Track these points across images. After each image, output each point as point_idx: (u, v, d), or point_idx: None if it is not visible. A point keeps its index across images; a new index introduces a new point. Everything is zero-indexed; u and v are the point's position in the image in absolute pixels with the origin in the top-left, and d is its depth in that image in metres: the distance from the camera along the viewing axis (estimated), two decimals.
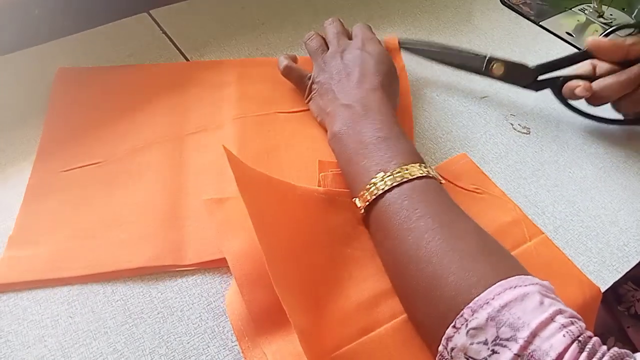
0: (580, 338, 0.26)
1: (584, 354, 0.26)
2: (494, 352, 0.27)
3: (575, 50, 0.63)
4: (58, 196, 0.42)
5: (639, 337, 0.50)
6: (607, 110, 0.51)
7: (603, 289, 0.40)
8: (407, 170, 0.37)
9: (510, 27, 0.66)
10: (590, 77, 0.49)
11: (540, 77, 0.52)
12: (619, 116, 0.52)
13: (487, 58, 0.52)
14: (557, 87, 0.51)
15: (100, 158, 0.45)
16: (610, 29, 0.58)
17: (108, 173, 0.44)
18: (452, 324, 0.29)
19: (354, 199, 0.39)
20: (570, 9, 0.70)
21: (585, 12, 0.69)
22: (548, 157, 0.49)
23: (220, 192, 0.42)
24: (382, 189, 0.36)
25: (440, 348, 0.30)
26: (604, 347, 0.27)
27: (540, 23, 0.67)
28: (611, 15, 0.69)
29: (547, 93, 0.54)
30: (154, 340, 0.35)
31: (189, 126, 0.48)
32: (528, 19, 0.68)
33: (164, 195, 0.42)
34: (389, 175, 0.36)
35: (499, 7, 0.69)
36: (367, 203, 0.37)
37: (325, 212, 0.39)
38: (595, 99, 0.49)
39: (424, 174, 0.37)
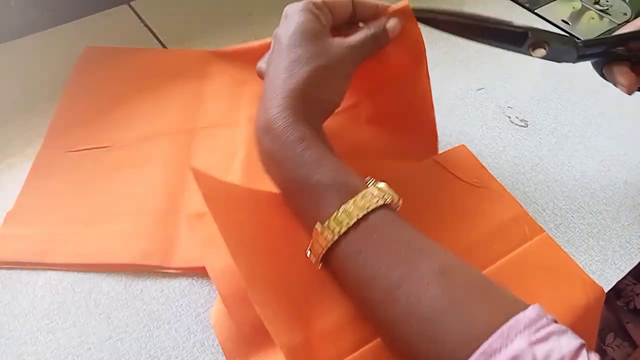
0: None
1: None
2: None
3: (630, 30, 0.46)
4: (60, 177, 0.42)
5: (638, 333, 0.49)
6: None
7: (606, 289, 0.39)
8: (337, 219, 0.29)
9: (505, 15, 0.63)
10: None
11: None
12: None
13: (528, 33, 0.41)
14: (599, 64, 0.44)
15: (108, 142, 0.44)
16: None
17: (113, 159, 0.43)
18: None
19: (305, 254, 0.32)
20: None
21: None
22: (547, 151, 0.48)
23: None
24: (328, 242, 0.29)
25: None
26: None
27: (535, 10, 0.65)
28: (607, 1, 0.67)
29: (544, 83, 0.52)
30: (140, 356, 0.33)
31: (203, 119, 0.47)
32: (523, 6, 0.66)
33: (164, 189, 0.41)
34: (326, 230, 0.29)
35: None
36: (320, 261, 0.31)
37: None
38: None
39: (372, 207, 0.29)
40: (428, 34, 0.58)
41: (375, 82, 0.45)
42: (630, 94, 0.42)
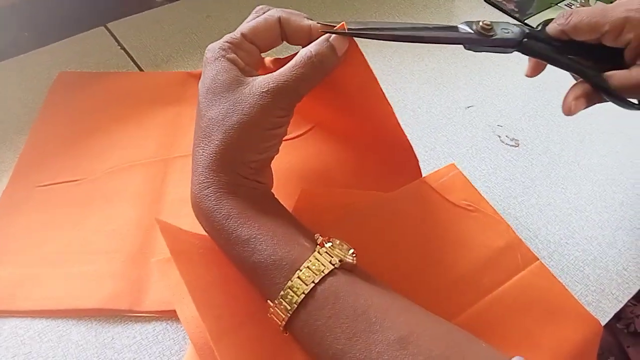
0: None
1: None
2: None
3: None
4: (28, 215, 0.40)
5: (639, 357, 0.47)
6: None
7: (603, 321, 0.37)
8: (286, 299, 0.27)
9: None
10: None
11: None
12: None
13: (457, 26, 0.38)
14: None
15: (79, 175, 0.42)
16: None
17: (83, 193, 0.41)
18: None
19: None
20: (557, 4, 0.66)
21: (572, 7, 0.66)
22: (539, 172, 0.46)
23: (195, 226, 0.38)
24: (283, 319, 0.28)
25: None
26: None
27: (524, 20, 0.63)
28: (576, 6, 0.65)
29: (535, 100, 0.50)
30: None
31: (179, 147, 0.45)
32: (512, 16, 0.64)
33: (136, 226, 0.39)
34: (277, 309, 0.27)
35: (481, 4, 0.65)
36: (281, 329, 0.29)
37: None
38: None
39: (321, 275, 0.27)
40: (413, 47, 0.57)
41: (327, 110, 0.42)
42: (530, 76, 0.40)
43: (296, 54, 0.31)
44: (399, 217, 0.39)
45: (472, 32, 0.37)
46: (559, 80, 0.55)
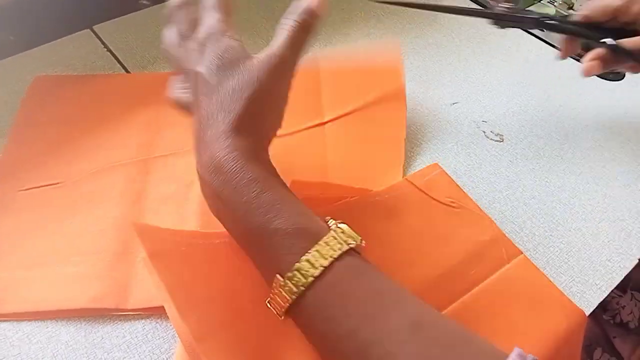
0: None
1: None
2: None
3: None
4: (12, 218, 0.40)
5: (625, 347, 0.48)
6: None
7: (587, 311, 0.37)
8: (301, 271, 0.26)
9: (478, 24, 0.62)
10: None
11: None
12: None
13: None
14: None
15: (60, 178, 0.42)
16: None
17: (66, 196, 0.41)
18: None
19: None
20: (540, 1, 0.67)
21: (555, 4, 0.67)
22: (523, 166, 0.47)
23: (178, 224, 0.39)
24: (287, 301, 0.27)
25: None
26: None
27: None
28: (580, 6, 0.66)
29: (519, 95, 0.51)
30: None
31: (159, 147, 0.45)
32: None
33: (118, 226, 0.39)
34: (286, 286, 0.27)
35: (466, 3, 0.66)
36: (283, 310, 0.28)
37: None
38: None
39: (339, 252, 0.27)
40: (400, 45, 0.57)
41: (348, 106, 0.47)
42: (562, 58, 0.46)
43: None
44: (385, 213, 0.40)
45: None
46: (542, 77, 0.56)
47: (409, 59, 0.56)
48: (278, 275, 0.27)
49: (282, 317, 0.29)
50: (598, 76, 0.56)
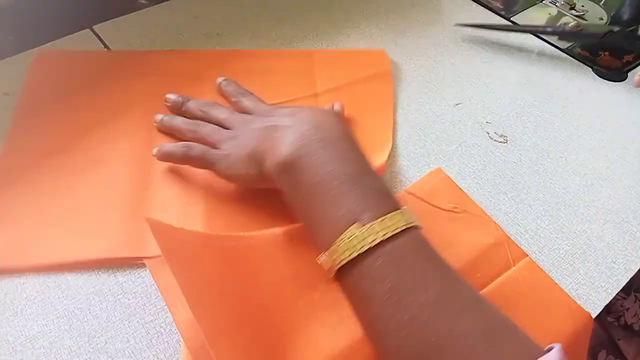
0: None
1: None
2: None
3: None
4: (24, 183, 0.41)
5: (630, 349, 0.48)
6: None
7: (594, 313, 0.37)
8: (387, 222, 0.28)
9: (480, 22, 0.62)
10: None
11: None
12: None
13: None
14: None
15: (71, 146, 0.44)
16: None
17: (75, 162, 0.43)
18: None
19: (318, 258, 0.31)
20: (541, 1, 0.67)
21: (557, 4, 0.67)
22: (527, 167, 0.46)
23: (183, 190, 0.42)
24: (358, 250, 0.28)
25: None
26: None
27: (511, 18, 0.64)
28: (583, 6, 0.66)
29: (522, 96, 0.51)
30: None
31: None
32: (498, 14, 0.64)
33: (129, 185, 0.42)
34: (365, 231, 0.28)
35: (468, 3, 0.66)
36: (338, 267, 0.30)
37: (282, 257, 0.35)
38: None
39: (407, 224, 0.29)
40: (402, 48, 0.57)
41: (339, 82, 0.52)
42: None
43: None
44: None
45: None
46: (544, 77, 0.56)
47: (411, 60, 0.56)
48: (356, 225, 0.28)
49: (333, 274, 0.30)
50: (600, 76, 0.56)
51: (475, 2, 0.66)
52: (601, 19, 0.64)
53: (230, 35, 0.57)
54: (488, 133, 0.49)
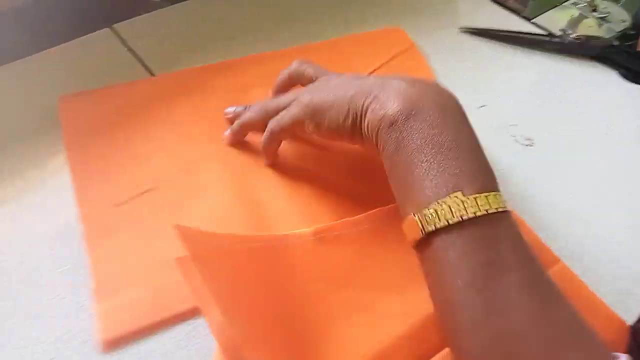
0: None
1: None
2: None
3: None
4: (122, 233, 0.38)
5: None
6: None
7: (629, 322, 0.36)
8: (490, 199, 0.28)
9: (501, 26, 0.62)
10: None
11: None
12: None
13: None
14: None
15: (150, 184, 0.41)
16: None
17: (166, 197, 0.41)
18: None
19: (404, 220, 0.30)
20: (562, 3, 0.66)
21: (578, 6, 0.66)
22: (556, 171, 0.46)
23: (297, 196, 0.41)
24: (457, 218, 0.27)
25: None
26: None
27: (532, 20, 0.63)
28: (605, 8, 0.66)
29: (547, 98, 0.50)
30: None
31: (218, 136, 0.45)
32: (519, 15, 0.64)
33: (237, 202, 0.40)
34: (469, 202, 0.27)
35: (487, 4, 0.65)
36: (425, 232, 0.28)
37: (313, 257, 0.35)
38: None
39: (504, 208, 0.29)
40: (420, 50, 0.56)
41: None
42: None
43: None
44: None
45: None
46: (569, 78, 0.55)
47: (430, 62, 0.55)
48: (460, 193, 0.28)
49: (419, 237, 0.29)
50: (625, 78, 0.56)
51: (495, 3, 0.65)
52: (624, 21, 0.63)
53: (248, 35, 0.56)
54: (514, 136, 0.49)
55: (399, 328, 0.33)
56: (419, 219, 0.29)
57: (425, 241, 0.29)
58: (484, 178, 0.30)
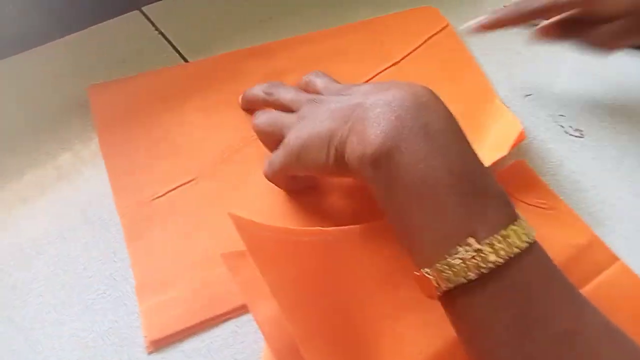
0: None
1: None
2: None
3: None
4: (162, 227, 0.37)
5: None
6: None
7: None
8: (510, 238, 0.24)
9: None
10: None
11: None
12: None
13: None
14: None
15: (190, 175, 0.40)
16: None
17: (207, 189, 0.39)
18: None
19: (417, 276, 0.26)
20: None
21: None
22: (609, 164, 0.44)
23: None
24: (476, 272, 0.24)
25: None
26: None
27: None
28: None
29: (596, 87, 0.48)
30: None
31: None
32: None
33: (280, 192, 0.39)
34: (485, 250, 0.23)
35: None
36: (445, 290, 0.25)
37: (362, 254, 0.33)
38: None
39: (530, 240, 0.25)
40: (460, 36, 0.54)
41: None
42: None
43: None
44: None
45: None
46: (619, 67, 0.52)
47: (476, 46, 0.53)
48: (472, 240, 0.24)
49: (436, 297, 0.26)
50: None
51: None
52: None
53: (283, 17, 0.54)
54: (562, 127, 0.47)
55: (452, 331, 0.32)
56: (432, 275, 0.25)
57: (444, 296, 0.25)
58: (497, 212, 0.25)
